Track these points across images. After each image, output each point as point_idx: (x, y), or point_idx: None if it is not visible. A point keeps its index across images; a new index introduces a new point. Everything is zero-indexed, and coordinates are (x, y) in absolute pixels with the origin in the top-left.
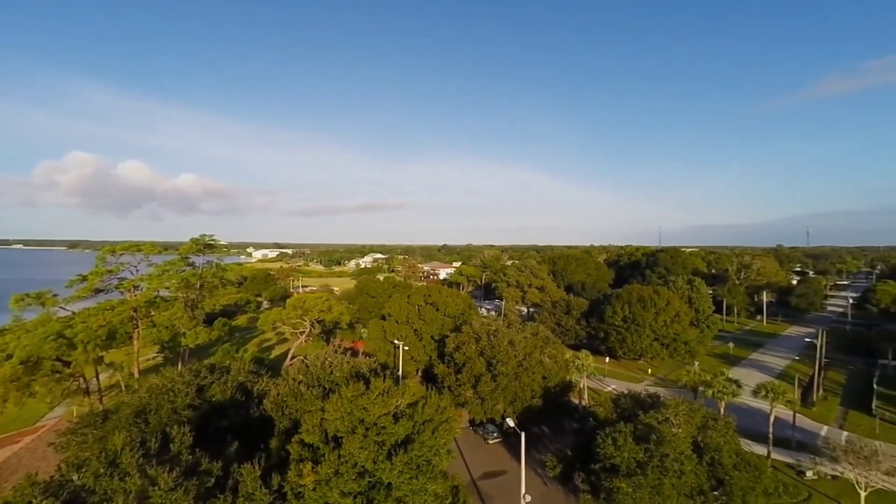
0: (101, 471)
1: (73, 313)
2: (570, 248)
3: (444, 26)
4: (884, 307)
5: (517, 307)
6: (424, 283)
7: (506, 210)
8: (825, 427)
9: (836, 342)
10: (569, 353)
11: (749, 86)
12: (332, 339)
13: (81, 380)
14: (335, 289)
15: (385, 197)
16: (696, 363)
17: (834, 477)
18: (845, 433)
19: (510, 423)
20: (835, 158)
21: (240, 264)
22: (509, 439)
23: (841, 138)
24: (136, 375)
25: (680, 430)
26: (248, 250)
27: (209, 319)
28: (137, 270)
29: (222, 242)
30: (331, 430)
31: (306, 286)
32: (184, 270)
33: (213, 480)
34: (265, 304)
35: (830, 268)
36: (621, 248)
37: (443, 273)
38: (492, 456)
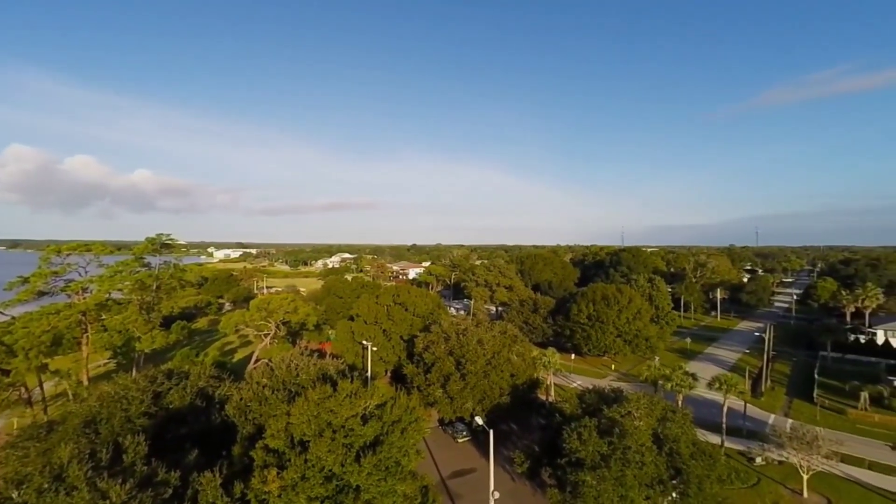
0: (45, 486)
1: (13, 318)
2: (537, 247)
3: (413, 26)
4: (823, 303)
5: (486, 306)
6: (393, 283)
7: (475, 210)
8: (772, 416)
9: (782, 336)
10: (536, 351)
11: (701, 94)
12: (298, 341)
13: (23, 389)
14: (302, 289)
15: (353, 196)
16: (657, 358)
17: (780, 462)
18: (790, 421)
19: (479, 421)
20: (780, 164)
21: (200, 265)
22: (478, 437)
23: (785, 145)
24: (86, 383)
25: (641, 423)
26: (210, 250)
27: (167, 322)
28: (86, 272)
29: (181, 242)
30: (297, 435)
31: (271, 287)
32: (138, 271)
33: (170, 491)
34: (227, 306)
35: (777, 266)
36: (586, 247)
37: (412, 273)
38: (461, 454)
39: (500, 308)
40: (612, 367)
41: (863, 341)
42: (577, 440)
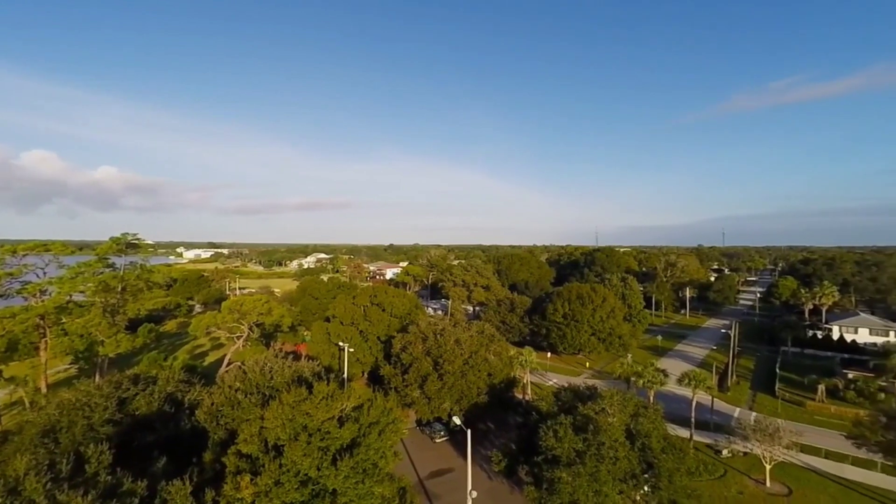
0: (0, 501)
1: None
2: (514, 247)
3: (392, 26)
4: (784, 300)
5: (463, 306)
6: (370, 284)
7: (452, 210)
8: (738, 409)
9: (746, 332)
10: (513, 350)
11: (671, 100)
12: (272, 343)
13: None
14: (276, 290)
15: (330, 195)
16: (629, 355)
17: (745, 453)
18: (754, 414)
19: (457, 420)
20: (745, 167)
21: (169, 265)
22: (456, 437)
23: (749, 150)
24: (44, 391)
25: (615, 419)
26: (179, 250)
27: (133, 326)
28: (45, 273)
29: (148, 242)
30: (271, 439)
31: (244, 288)
32: (102, 272)
33: (136, 501)
34: (198, 308)
35: (742, 265)
36: (562, 247)
37: (389, 273)
38: (439, 454)
39: (477, 308)
40: (587, 364)
41: (820, 337)
42: (553, 438)
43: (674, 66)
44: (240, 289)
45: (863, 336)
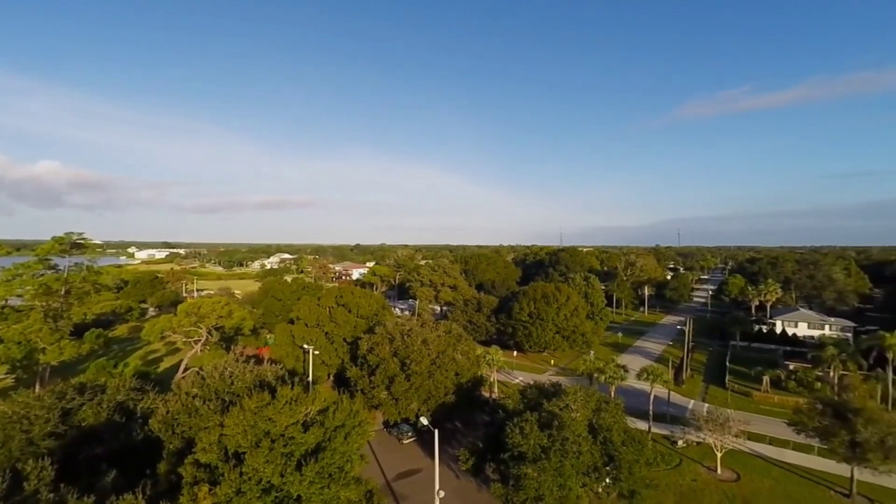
0: None
1: None
2: (481, 247)
3: (360, 22)
4: (733, 297)
5: (431, 306)
6: (336, 284)
7: (420, 210)
8: (692, 401)
9: (699, 328)
10: (480, 349)
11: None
12: (232, 347)
13: None
14: (237, 292)
15: (294, 194)
16: (592, 352)
17: (699, 443)
18: (706, 405)
19: (424, 421)
20: (699, 171)
21: (119, 266)
22: (424, 437)
23: (702, 154)
24: None
25: (578, 415)
26: (131, 250)
27: (79, 331)
28: None
29: (95, 241)
30: (231, 446)
31: (203, 290)
32: (42, 274)
33: None
34: (152, 312)
35: (696, 265)
36: (528, 247)
37: (356, 273)
38: (406, 455)
39: (444, 308)
40: (552, 362)
41: (765, 331)
42: (519, 435)
43: (634, 74)
44: (198, 290)
45: (802, 330)
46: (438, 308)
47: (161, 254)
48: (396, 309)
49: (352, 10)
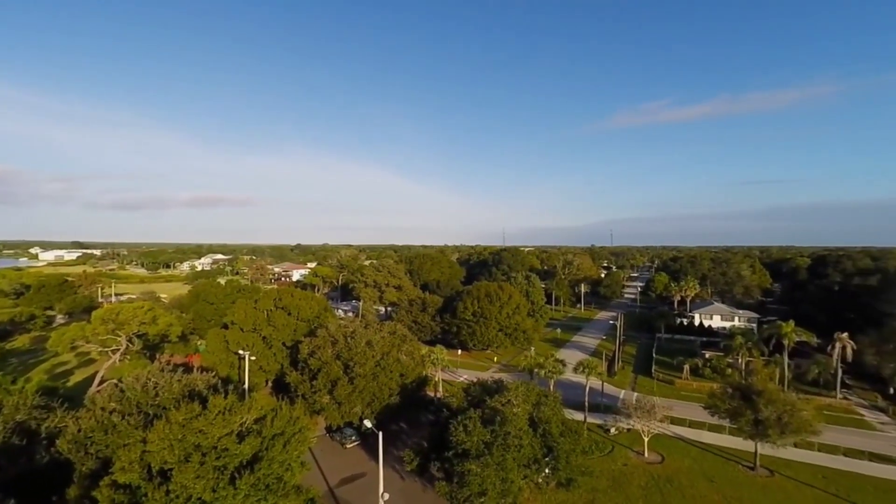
0: None
1: None
2: (426, 247)
3: (298, 16)
4: (659, 293)
5: (375, 307)
6: (275, 286)
7: (364, 210)
8: (623, 391)
9: (630, 322)
10: (425, 349)
11: (567, 113)
12: (158, 356)
13: None
14: (163, 296)
15: (228, 190)
16: (532, 348)
17: (629, 430)
18: (636, 394)
19: (368, 424)
20: (629, 175)
21: (19, 269)
22: (368, 440)
23: (631, 160)
24: None
25: (519, 409)
26: (34, 251)
27: None
28: None
29: None
30: (156, 464)
31: (122, 294)
32: None
33: None
34: (60, 319)
35: (627, 263)
36: (472, 247)
37: (296, 274)
38: (350, 460)
39: (389, 308)
40: (495, 359)
41: (685, 324)
42: (463, 432)
43: (568, 83)
44: (116, 295)
45: (717, 322)
46: (383, 309)
47: (72, 255)
48: (340, 310)
49: (288, 2)
